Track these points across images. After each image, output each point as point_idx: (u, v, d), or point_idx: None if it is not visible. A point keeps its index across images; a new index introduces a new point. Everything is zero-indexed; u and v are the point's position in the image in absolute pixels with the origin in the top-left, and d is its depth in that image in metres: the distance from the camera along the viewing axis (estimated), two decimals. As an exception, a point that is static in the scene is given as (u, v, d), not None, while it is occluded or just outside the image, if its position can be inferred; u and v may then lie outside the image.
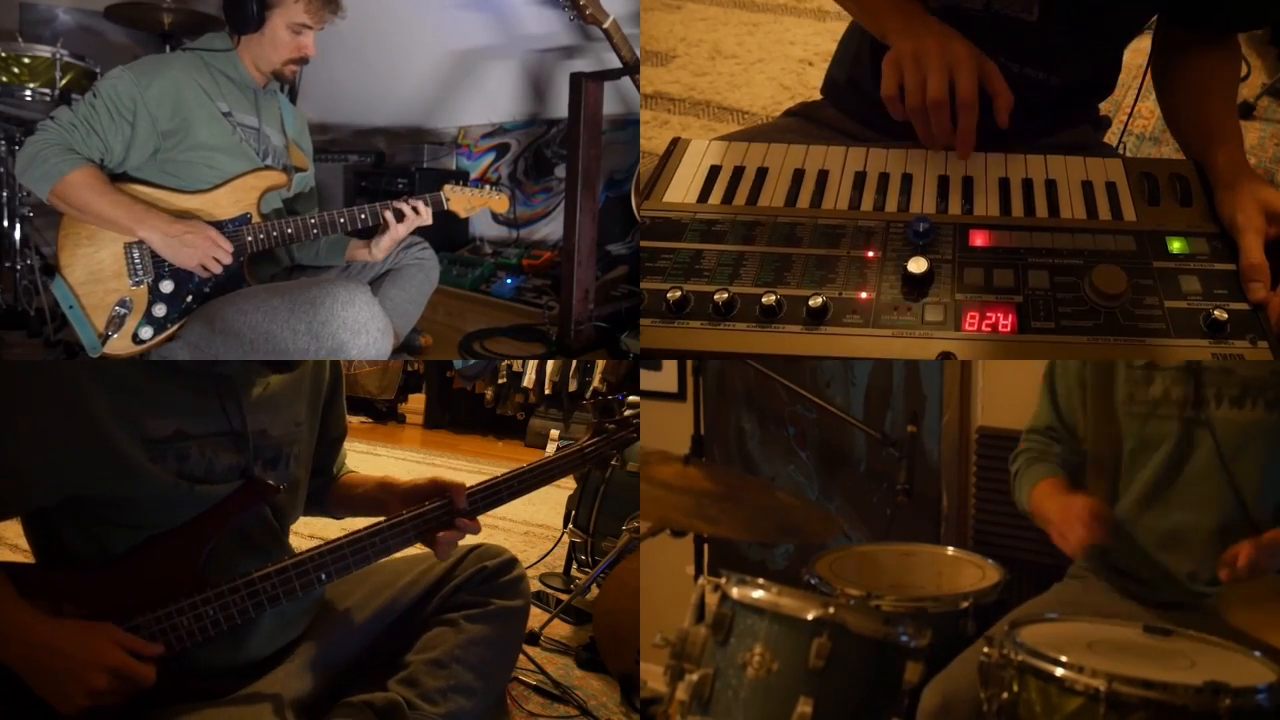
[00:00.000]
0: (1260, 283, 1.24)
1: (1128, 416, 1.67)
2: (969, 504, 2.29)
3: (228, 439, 1.39)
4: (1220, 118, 1.48)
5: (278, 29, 1.97)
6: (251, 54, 2.02)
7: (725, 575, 1.55)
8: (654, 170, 1.52)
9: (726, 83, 2.98)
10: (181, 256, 1.91)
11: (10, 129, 2.80)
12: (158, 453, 1.31)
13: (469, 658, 1.53)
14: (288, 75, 2.05)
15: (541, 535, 3.60)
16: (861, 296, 1.28)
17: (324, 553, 1.40)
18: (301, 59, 2.03)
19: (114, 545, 1.31)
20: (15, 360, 2.53)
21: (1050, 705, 1.27)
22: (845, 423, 2.40)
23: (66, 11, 3.23)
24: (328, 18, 2.00)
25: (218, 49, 2.01)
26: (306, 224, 2.01)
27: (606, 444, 1.81)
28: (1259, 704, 1.20)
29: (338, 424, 1.68)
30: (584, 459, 1.78)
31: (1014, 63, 1.52)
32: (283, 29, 1.97)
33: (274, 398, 1.47)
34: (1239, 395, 1.56)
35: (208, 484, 1.35)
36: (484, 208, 2.22)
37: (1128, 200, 1.41)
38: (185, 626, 1.29)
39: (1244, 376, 1.56)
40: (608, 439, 1.81)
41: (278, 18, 1.96)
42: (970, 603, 1.66)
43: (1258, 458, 1.56)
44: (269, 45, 1.99)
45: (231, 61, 2.01)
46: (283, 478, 1.45)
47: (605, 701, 2.16)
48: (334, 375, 1.66)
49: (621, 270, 2.98)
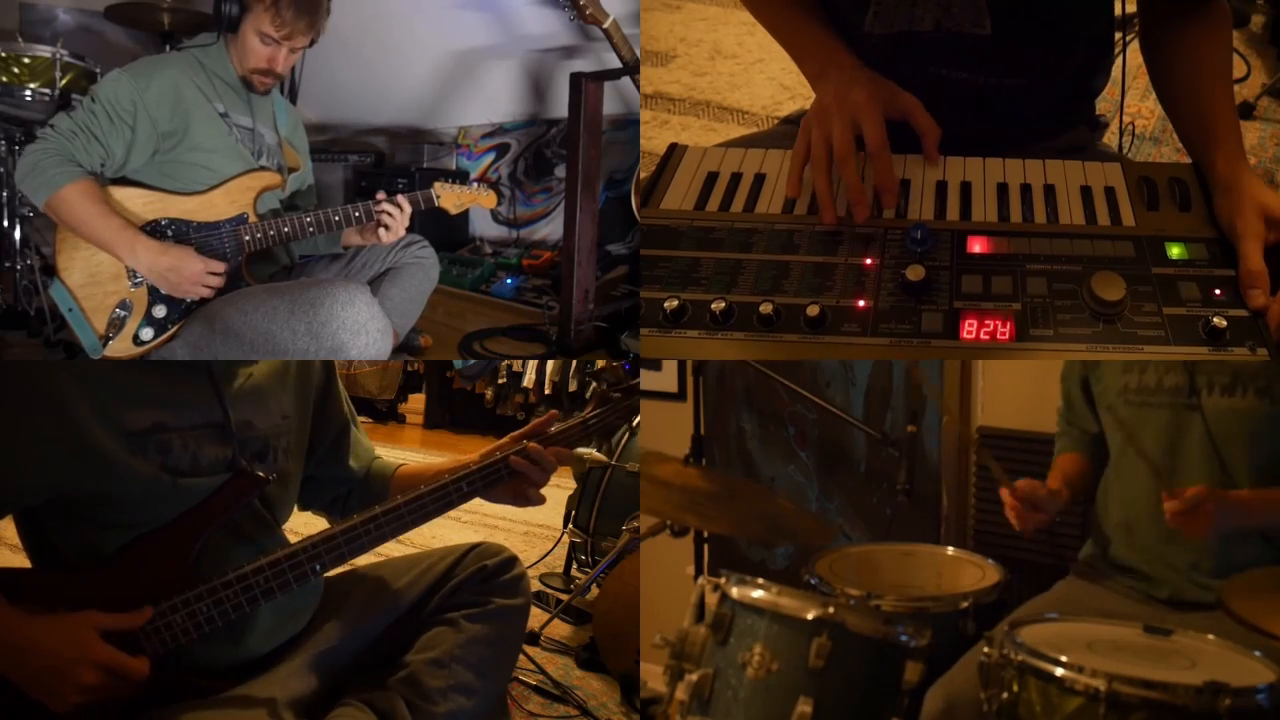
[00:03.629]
0: (1259, 289, 1.24)
1: (1124, 406, 1.69)
2: (969, 504, 2.29)
3: (211, 431, 1.38)
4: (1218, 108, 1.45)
5: (248, 35, 1.97)
6: (234, 54, 2.02)
7: (725, 575, 1.55)
8: (651, 176, 1.52)
9: (726, 83, 2.98)
10: (169, 288, 1.93)
11: (10, 129, 2.80)
12: (138, 446, 1.30)
13: (469, 657, 1.52)
14: (257, 86, 2.03)
15: (541, 535, 3.61)
16: (859, 304, 1.28)
17: (317, 543, 1.39)
18: (270, 71, 2.02)
19: (104, 545, 1.31)
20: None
21: (1050, 705, 1.27)
22: (845, 423, 2.40)
23: (66, 11, 3.22)
24: (297, 32, 1.98)
25: (208, 46, 2.01)
26: (303, 223, 2.02)
27: (613, 413, 1.75)
28: (1259, 704, 1.20)
29: (336, 418, 1.66)
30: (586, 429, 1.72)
31: (979, 75, 1.52)
32: (252, 35, 1.97)
33: (257, 390, 1.46)
34: (1230, 384, 1.58)
35: (193, 477, 1.34)
36: (473, 204, 2.24)
37: (1126, 205, 1.41)
38: (180, 624, 1.28)
39: (1235, 366, 1.57)
40: (614, 407, 1.76)
41: (249, 24, 1.96)
42: (970, 603, 1.67)
43: (1247, 442, 1.58)
44: (241, 50, 2.00)
45: (222, 60, 2.01)
46: (270, 471, 1.44)
47: (605, 701, 2.17)
48: (326, 368, 1.65)
49: (621, 270, 2.99)
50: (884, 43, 1.52)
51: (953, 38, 1.48)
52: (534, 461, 1.54)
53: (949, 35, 1.48)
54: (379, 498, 1.59)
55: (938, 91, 1.50)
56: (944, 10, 1.46)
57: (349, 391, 1.71)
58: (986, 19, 1.46)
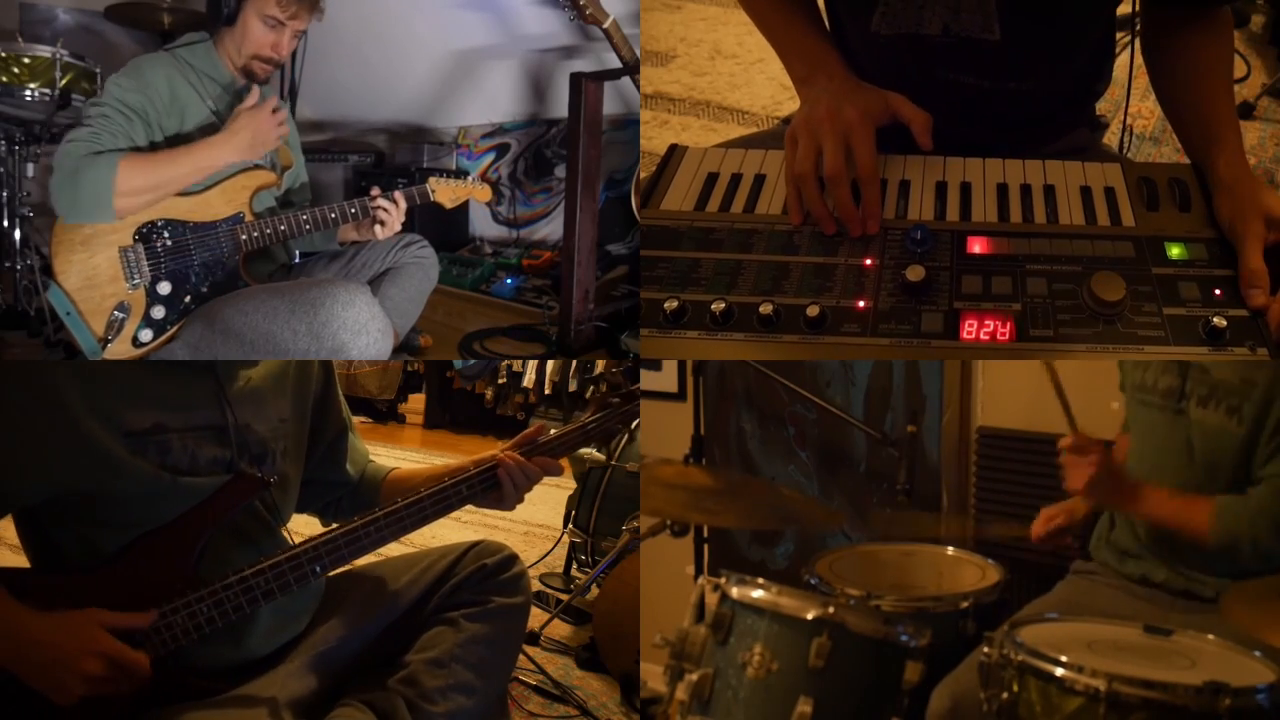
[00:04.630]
0: (1260, 289, 1.24)
1: (1132, 402, 1.70)
2: (969, 504, 2.29)
3: (210, 433, 1.39)
4: (1218, 110, 1.45)
5: (250, 19, 1.96)
6: (228, 49, 2.01)
7: (725, 575, 1.55)
8: (651, 177, 1.52)
9: (726, 83, 2.98)
10: (262, 148, 1.98)
11: (10, 129, 2.80)
12: (138, 446, 1.31)
13: (469, 656, 1.52)
14: (258, 73, 2.02)
15: (541, 535, 3.61)
16: (859, 305, 1.28)
17: (318, 544, 1.40)
18: (271, 58, 2.01)
19: (104, 545, 1.31)
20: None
21: (1050, 705, 1.28)
22: (845, 423, 2.40)
23: (66, 11, 3.22)
24: (302, 15, 1.97)
25: (195, 45, 2.00)
26: (299, 220, 2.02)
27: (613, 418, 1.75)
28: (1259, 704, 1.21)
29: (334, 422, 1.67)
30: (587, 435, 1.71)
31: (985, 79, 1.52)
32: (255, 20, 1.95)
33: (256, 393, 1.47)
34: (1207, 395, 1.57)
35: (192, 476, 1.35)
36: (467, 198, 2.25)
37: (1126, 205, 1.41)
38: (180, 624, 1.29)
39: (1216, 379, 1.56)
40: (614, 411, 1.76)
41: (251, 8, 1.95)
42: (970, 603, 1.67)
43: (1216, 458, 1.57)
44: (241, 37, 1.98)
45: (210, 59, 2.00)
46: (270, 473, 1.44)
47: (605, 701, 2.17)
48: (325, 372, 1.65)
49: (621, 270, 2.98)
50: (890, 43, 1.51)
51: (961, 42, 1.48)
52: (518, 476, 1.54)
53: (957, 40, 1.48)
54: (371, 502, 1.60)
55: (941, 94, 1.50)
56: (952, 15, 1.46)
57: (349, 392, 1.71)
58: (995, 24, 1.45)
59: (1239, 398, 1.53)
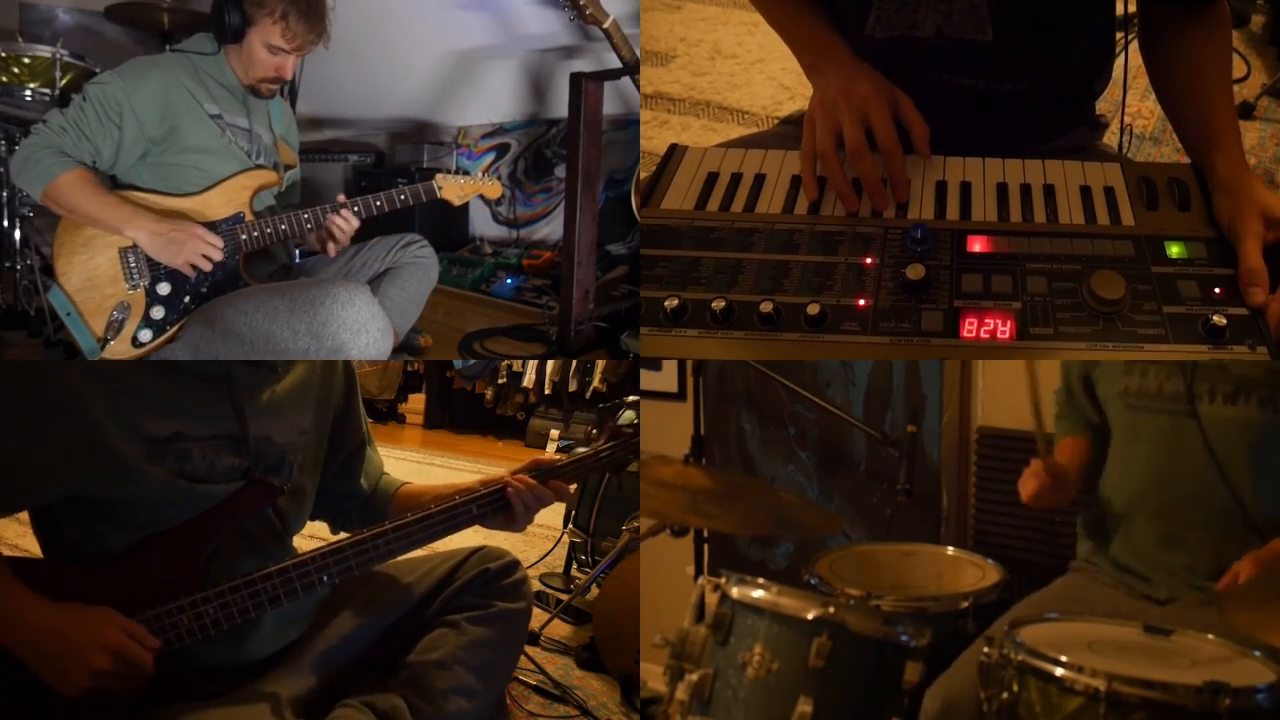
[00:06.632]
0: (1259, 287, 1.24)
1: (1124, 409, 1.69)
2: (969, 504, 2.29)
3: (229, 443, 1.40)
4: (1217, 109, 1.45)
5: (255, 46, 1.97)
6: (234, 65, 2.03)
7: (725, 575, 1.55)
8: (652, 177, 1.52)
9: (726, 83, 2.98)
10: (169, 255, 1.93)
11: (10, 129, 2.80)
12: (156, 453, 1.32)
13: (470, 659, 1.52)
14: (263, 92, 2.04)
15: (541, 535, 3.61)
16: (859, 303, 1.28)
17: (326, 554, 1.41)
18: (277, 79, 2.03)
19: (115, 543, 1.32)
20: (12, 360, 2.53)
21: (1050, 705, 1.27)
22: (845, 423, 2.40)
23: (66, 11, 3.22)
24: (307, 43, 1.99)
25: (205, 52, 2.01)
26: (300, 220, 2.02)
27: (626, 447, 1.76)
28: (1259, 704, 1.20)
29: (354, 436, 1.68)
30: (599, 463, 1.72)
31: (980, 81, 1.52)
32: (260, 47, 1.97)
33: (279, 404, 1.48)
34: (1233, 392, 1.57)
35: (208, 483, 1.36)
36: (476, 194, 2.24)
37: (1126, 205, 1.41)
38: (185, 625, 1.29)
39: (1238, 374, 1.56)
40: (626, 442, 1.77)
41: (255, 36, 1.96)
42: (970, 603, 1.67)
43: (1250, 454, 1.56)
44: (247, 60, 2.00)
45: (219, 65, 2.01)
46: (285, 482, 1.45)
47: (605, 701, 2.16)
48: (347, 385, 1.66)
49: (621, 270, 2.98)
50: (885, 46, 1.52)
51: (954, 44, 1.48)
52: (529, 499, 1.55)
53: (950, 42, 1.48)
54: (380, 516, 1.61)
55: (938, 96, 1.50)
56: (945, 17, 1.46)
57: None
58: (988, 25, 1.46)
59: (1270, 388, 1.54)
